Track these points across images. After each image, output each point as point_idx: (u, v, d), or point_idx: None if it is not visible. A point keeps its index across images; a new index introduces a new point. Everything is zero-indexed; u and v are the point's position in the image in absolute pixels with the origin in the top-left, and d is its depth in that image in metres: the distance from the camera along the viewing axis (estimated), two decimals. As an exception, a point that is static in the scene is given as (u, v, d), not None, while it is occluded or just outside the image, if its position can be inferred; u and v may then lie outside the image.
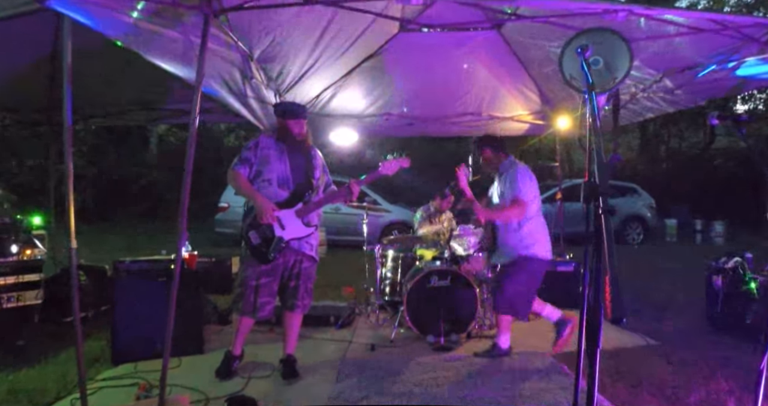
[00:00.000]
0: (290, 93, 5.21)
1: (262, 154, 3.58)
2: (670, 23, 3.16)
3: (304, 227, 3.57)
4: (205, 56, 2.87)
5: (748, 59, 3.78)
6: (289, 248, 3.56)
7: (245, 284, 3.56)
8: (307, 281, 3.69)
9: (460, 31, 4.84)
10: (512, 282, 3.99)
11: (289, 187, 3.57)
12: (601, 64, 1.85)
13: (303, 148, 3.68)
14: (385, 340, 4.51)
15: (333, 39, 4.27)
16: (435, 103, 5.98)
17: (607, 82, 1.86)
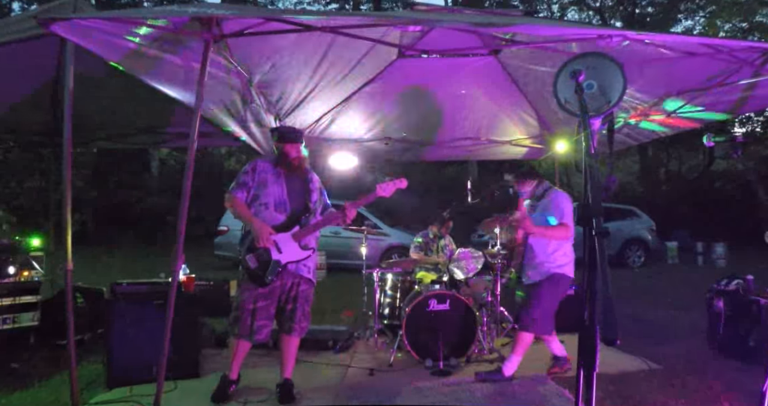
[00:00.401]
0: (290, 117, 5.27)
1: (259, 178, 3.61)
2: (663, 48, 3.20)
3: (301, 250, 3.57)
4: (204, 81, 2.91)
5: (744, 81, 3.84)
6: (287, 271, 3.56)
7: (242, 307, 3.54)
8: (304, 304, 3.68)
9: (457, 57, 4.90)
10: (542, 299, 4.04)
11: (286, 211, 3.59)
12: (595, 88, 1.87)
13: (300, 172, 3.71)
14: (384, 364, 4.47)
15: (332, 65, 4.33)
16: (434, 128, 6.04)
17: (602, 105, 1.88)
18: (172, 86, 3.74)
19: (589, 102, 1.90)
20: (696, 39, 3.15)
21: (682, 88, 4.18)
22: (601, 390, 3.79)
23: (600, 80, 1.88)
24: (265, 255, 3.49)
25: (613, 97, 1.85)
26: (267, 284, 3.49)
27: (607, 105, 1.86)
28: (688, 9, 23.36)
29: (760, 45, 3.45)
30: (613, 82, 1.87)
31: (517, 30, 3.10)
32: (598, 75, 1.88)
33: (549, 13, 25.06)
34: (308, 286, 3.70)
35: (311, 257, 3.66)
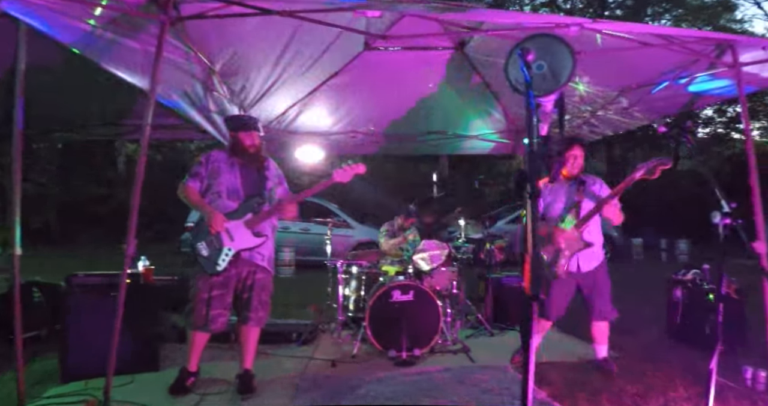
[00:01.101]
0: (255, 108, 5.21)
1: (213, 167, 3.59)
2: (619, 38, 3.26)
3: (254, 237, 3.54)
4: (159, 65, 2.86)
5: (698, 75, 3.94)
6: (241, 260, 3.53)
7: (197, 297, 3.50)
8: (261, 293, 3.63)
9: (423, 50, 4.91)
10: (608, 284, 4.04)
11: (239, 199, 3.57)
12: (545, 69, 1.89)
13: (256, 160, 3.67)
14: (347, 356, 4.45)
15: (296, 55, 4.29)
16: (401, 122, 6.03)
17: (551, 85, 1.89)
18: (130, 72, 3.65)
19: (539, 83, 1.92)
20: (649, 28, 3.22)
21: (642, 81, 4.27)
22: (562, 377, 3.86)
23: (550, 62, 1.89)
24: (216, 242, 3.46)
25: (563, 78, 1.87)
26: (219, 271, 3.45)
27: (556, 84, 1.87)
28: (654, 13, 23.90)
29: (713, 36, 3.54)
30: (563, 63, 1.88)
31: (472, 16, 3.13)
32: (548, 56, 1.89)
33: (520, 14, 25.33)
34: (265, 274, 3.66)
35: (266, 244, 3.62)
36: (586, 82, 4.38)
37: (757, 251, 3.53)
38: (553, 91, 1.90)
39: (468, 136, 6.34)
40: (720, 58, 3.59)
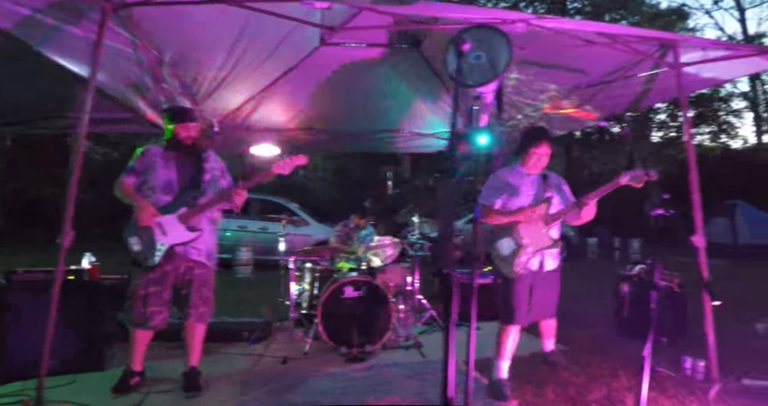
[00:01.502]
0: (208, 102, 5.11)
1: (148, 162, 3.51)
2: (564, 35, 3.32)
3: (188, 232, 3.46)
4: (100, 52, 2.77)
5: (643, 74, 4.05)
6: (177, 255, 3.45)
7: (134, 294, 3.43)
8: (201, 289, 3.56)
9: (380, 47, 4.91)
10: (559, 284, 3.89)
11: (173, 193, 3.49)
12: (483, 59, 1.92)
13: (193, 153, 3.59)
14: (299, 353, 4.42)
15: (249, 47, 4.21)
16: (358, 119, 6.01)
17: (489, 74, 1.92)
18: (73, 60, 3.57)
19: (478, 73, 1.96)
20: (593, 26, 3.29)
21: (591, 80, 4.36)
22: (512, 371, 3.92)
23: (488, 52, 1.93)
24: (149, 237, 3.38)
25: (500, 68, 1.90)
26: (152, 267, 3.37)
27: (494, 74, 1.90)
28: (612, 19, 24.57)
29: (655, 35, 3.64)
30: (500, 54, 1.91)
31: (418, 10, 3.14)
32: (486, 47, 1.93)
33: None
34: (204, 270, 3.58)
35: (202, 238, 3.52)
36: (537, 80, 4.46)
37: (695, 244, 3.66)
38: (491, 80, 1.94)
39: (425, 134, 6.37)
40: (663, 59, 3.71)
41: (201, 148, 3.65)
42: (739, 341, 4.78)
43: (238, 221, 11.20)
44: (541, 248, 3.62)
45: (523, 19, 2.91)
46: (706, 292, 3.44)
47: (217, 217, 3.69)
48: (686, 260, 5.05)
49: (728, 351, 4.24)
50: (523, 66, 4.20)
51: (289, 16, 3.41)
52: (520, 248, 3.57)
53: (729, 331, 5.15)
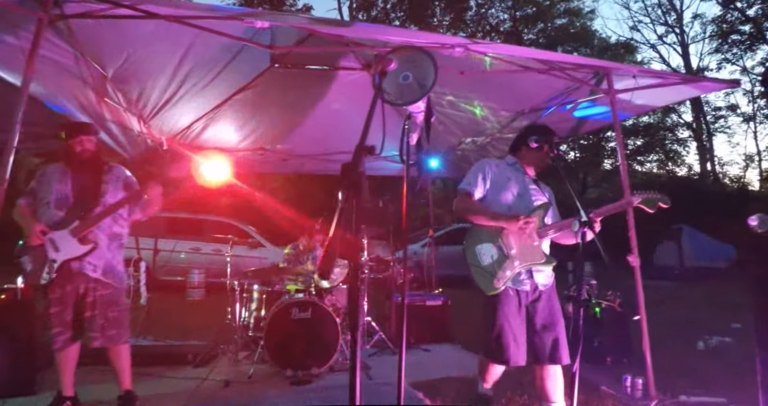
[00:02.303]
0: (156, 121, 5.05)
1: (45, 179, 3.40)
2: (503, 61, 3.44)
3: (80, 245, 3.29)
4: (33, 63, 2.71)
5: (581, 101, 4.22)
6: (74, 273, 3.28)
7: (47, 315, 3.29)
8: (106, 311, 3.36)
9: (331, 69, 4.97)
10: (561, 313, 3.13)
11: (68, 207, 3.35)
12: (411, 79, 1.96)
13: (91, 167, 3.46)
14: (243, 376, 4.31)
15: (196, 66, 4.21)
16: (310, 140, 6.02)
17: (418, 93, 1.97)
18: (9, 70, 3.47)
19: (406, 92, 2.00)
20: (530, 53, 3.41)
21: (533, 106, 4.51)
22: (453, 390, 3.93)
23: (415, 72, 1.97)
24: (41, 255, 3.24)
25: (426, 88, 1.94)
26: (45, 284, 3.23)
27: (421, 93, 1.95)
28: (565, 51, 25.57)
29: (590, 62, 3.80)
30: (427, 73, 1.96)
31: (354, 33, 3.20)
32: (413, 68, 1.97)
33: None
34: (107, 290, 3.38)
35: (98, 254, 3.35)
36: (482, 105, 4.58)
37: (631, 264, 3.78)
38: (419, 99, 1.98)
39: (377, 157, 6.40)
40: (598, 86, 3.87)
41: (101, 162, 3.52)
42: (681, 359, 4.94)
43: (191, 243, 10.97)
44: (532, 263, 2.92)
45: (461, 44, 3.00)
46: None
47: (119, 232, 3.50)
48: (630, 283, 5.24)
49: (669, 368, 4.38)
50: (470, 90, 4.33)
51: (234, 36, 3.41)
52: (506, 260, 2.89)
53: (671, 349, 5.33)
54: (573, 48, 25.15)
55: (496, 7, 26.43)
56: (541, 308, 2.96)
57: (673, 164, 25.45)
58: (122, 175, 3.57)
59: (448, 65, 3.80)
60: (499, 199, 3.02)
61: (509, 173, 3.09)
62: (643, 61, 27.99)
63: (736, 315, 7.28)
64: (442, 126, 5.47)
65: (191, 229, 11.57)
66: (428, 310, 5.76)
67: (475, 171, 3.09)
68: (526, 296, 2.93)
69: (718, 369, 4.64)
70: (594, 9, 29.03)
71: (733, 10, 23.44)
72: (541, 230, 2.94)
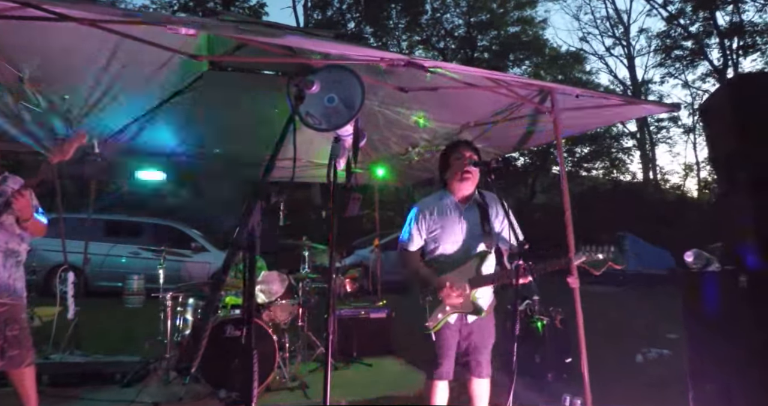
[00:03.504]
0: (84, 123, 4.73)
1: None
2: (449, 78, 3.35)
3: None
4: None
5: (526, 117, 4.20)
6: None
7: None
8: (3, 330, 3.09)
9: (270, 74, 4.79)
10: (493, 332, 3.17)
11: None
12: (337, 101, 1.83)
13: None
14: (174, 397, 4.08)
15: (126, 68, 3.93)
16: (251, 145, 5.80)
17: (345, 116, 1.84)
18: None
19: (333, 116, 1.87)
20: (479, 71, 3.34)
21: (478, 120, 4.46)
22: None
23: (342, 94, 1.84)
24: None
25: (354, 110, 1.82)
26: None
27: (349, 116, 1.82)
28: (516, 58, 26.05)
29: (535, 83, 3.78)
30: (354, 93, 1.84)
31: (288, 43, 3.05)
32: (340, 89, 1.84)
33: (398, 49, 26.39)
34: (4, 308, 3.11)
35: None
36: (426, 117, 4.50)
37: (571, 285, 3.76)
38: (347, 122, 1.86)
39: (323, 164, 6.26)
40: (542, 103, 3.84)
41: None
42: (621, 373, 4.99)
43: (129, 247, 10.51)
44: (462, 311, 2.91)
45: (405, 60, 2.90)
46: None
47: (15, 248, 3.24)
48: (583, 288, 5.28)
49: (609, 384, 4.40)
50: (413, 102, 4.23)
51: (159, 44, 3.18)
52: (439, 304, 2.87)
53: (611, 362, 5.38)
54: (525, 56, 25.62)
55: (451, 12, 26.63)
56: (474, 332, 3.03)
57: (617, 172, 26.29)
58: (17, 185, 3.20)
59: (389, 81, 3.71)
60: (438, 248, 3.00)
61: (442, 218, 2.98)
62: (591, 71, 28.83)
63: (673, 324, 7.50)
64: (389, 132, 5.35)
65: (129, 232, 11.11)
66: (372, 323, 5.64)
67: (409, 223, 3.06)
68: (459, 324, 2.99)
69: (653, 385, 4.71)
70: (546, 19, 29.63)
71: (676, 25, 24.39)
72: (473, 280, 2.89)
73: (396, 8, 26.03)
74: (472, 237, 2.96)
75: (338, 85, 1.83)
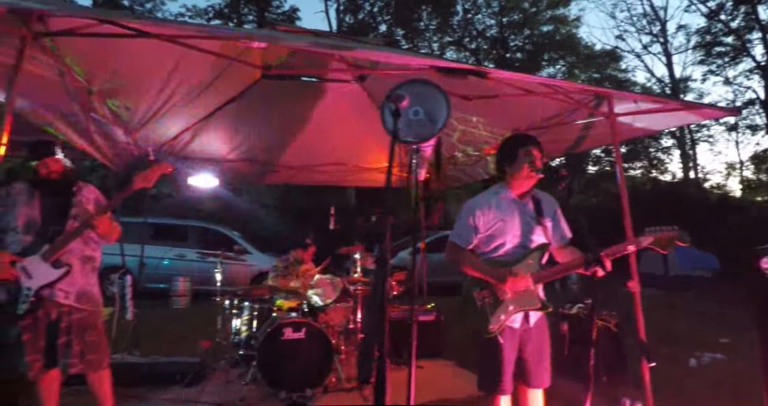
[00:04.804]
0: (143, 132, 4.91)
1: (11, 201, 3.22)
2: (508, 85, 3.38)
3: (53, 270, 3.14)
4: (17, 79, 2.58)
5: (579, 122, 4.18)
6: (45, 300, 3.12)
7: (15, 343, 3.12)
8: (82, 335, 3.22)
9: (323, 81, 4.88)
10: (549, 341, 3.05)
11: (36, 231, 3.20)
12: (422, 115, 1.88)
13: (59, 188, 3.30)
14: (235, 398, 4.19)
15: (185, 79, 4.08)
16: (301, 152, 5.93)
17: (429, 131, 1.89)
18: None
19: (417, 129, 1.92)
20: (536, 78, 3.36)
21: (529, 125, 4.46)
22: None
23: (427, 107, 1.89)
24: (14, 284, 3.06)
25: (439, 124, 1.87)
26: (21, 314, 3.06)
27: (433, 131, 1.87)
28: (551, 58, 25.76)
29: (593, 89, 3.76)
30: (439, 109, 1.88)
31: (357, 55, 3.12)
32: (425, 103, 1.89)
33: (430, 51, 26.38)
34: (82, 314, 3.24)
35: (70, 279, 3.20)
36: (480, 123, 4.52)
37: (631, 290, 3.72)
38: (432, 136, 1.90)
39: (369, 168, 6.34)
40: (598, 108, 3.83)
41: (70, 182, 3.35)
42: (675, 379, 4.91)
43: (176, 250, 10.78)
44: (527, 309, 2.83)
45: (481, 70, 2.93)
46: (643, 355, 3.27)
47: (90, 255, 3.36)
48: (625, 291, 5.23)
49: (663, 387, 4.35)
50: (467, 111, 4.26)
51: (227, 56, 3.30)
52: (500, 304, 2.78)
53: (664, 367, 5.30)
54: (559, 56, 25.31)
55: (483, 12, 26.50)
56: (533, 337, 2.90)
57: (656, 171, 25.75)
58: (92, 195, 3.40)
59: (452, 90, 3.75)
60: (493, 244, 2.88)
61: (501, 212, 2.88)
62: (628, 69, 28.30)
63: (723, 327, 7.34)
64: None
65: (175, 235, 11.39)
66: (420, 326, 5.68)
67: (465, 219, 2.92)
68: (519, 329, 2.86)
69: (712, 390, 4.63)
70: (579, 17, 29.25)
71: (717, 21, 23.74)
72: (537, 274, 2.79)
73: (427, 10, 26.03)
74: (531, 231, 2.89)
75: (422, 99, 1.88)
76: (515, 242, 2.87)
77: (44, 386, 3.21)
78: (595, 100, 3.78)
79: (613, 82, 24.53)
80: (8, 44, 2.78)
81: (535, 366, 2.90)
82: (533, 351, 2.88)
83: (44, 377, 3.19)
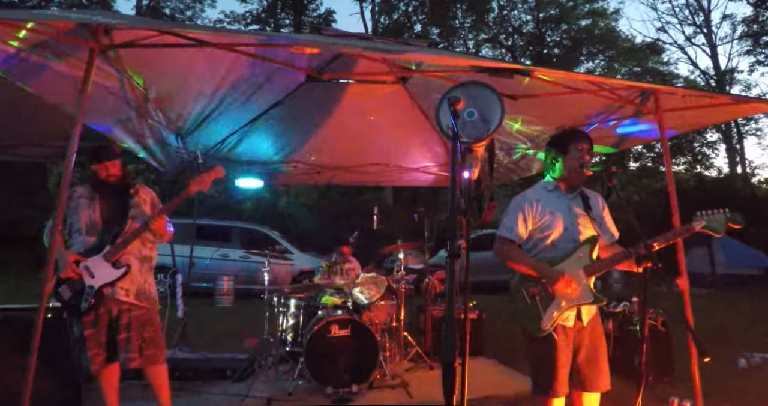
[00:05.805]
0: (193, 136, 5.10)
1: (74, 204, 3.42)
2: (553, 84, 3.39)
3: (114, 270, 3.31)
4: (88, 91, 2.73)
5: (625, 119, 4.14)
6: (106, 298, 3.30)
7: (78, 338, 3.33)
8: (141, 331, 3.38)
9: (365, 83, 4.96)
10: (604, 342, 2.97)
11: (97, 233, 3.39)
12: (476, 116, 1.93)
13: (118, 191, 3.49)
14: (284, 393, 4.32)
15: (236, 83, 4.23)
16: (343, 153, 6.03)
17: (483, 131, 1.94)
18: (58, 96, 3.52)
19: (471, 129, 1.97)
20: (583, 76, 3.35)
21: (574, 122, 4.44)
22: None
23: (480, 108, 1.94)
24: (78, 283, 3.25)
25: (493, 125, 1.91)
26: (84, 311, 3.26)
27: (487, 132, 1.92)
28: (589, 52, 25.29)
29: (638, 85, 3.73)
30: (492, 110, 1.93)
31: (407, 57, 3.18)
32: (478, 103, 1.94)
33: (465, 49, 26.26)
34: (141, 311, 3.40)
35: (130, 278, 3.36)
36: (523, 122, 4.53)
37: (680, 287, 3.68)
38: (485, 138, 1.95)
39: (410, 168, 6.41)
40: (644, 104, 3.79)
41: (128, 184, 3.54)
42: (723, 379, 4.81)
43: (219, 250, 11.08)
44: (579, 304, 2.75)
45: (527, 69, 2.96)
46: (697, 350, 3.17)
47: (148, 254, 3.52)
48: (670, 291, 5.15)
49: (712, 389, 4.27)
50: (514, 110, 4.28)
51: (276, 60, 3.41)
52: (552, 301, 2.73)
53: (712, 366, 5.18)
54: (598, 50, 24.83)
55: (518, 8, 26.22)
56: (586, 338, 2.82)
57: (701, 167, 24.98)
58: (148, 196, 3.60)
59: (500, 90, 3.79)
60: (543, 238, 2.84)
61: (550, 206, 2.86)
62: (670, 62, 27.53)
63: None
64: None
65: (218, 235, 11.71)
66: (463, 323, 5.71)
67: (514, 213, 2.89)
68: (573, 329, 2.79)
69: (763, 391, 4.52)
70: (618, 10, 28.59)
71: (764, 9, 22.89)
72: (589, 267, 2.75)
73: (461, 8, 25.92)
74: (580, 225, 2.85)
75: (475, 100, 1.93)
76: (565, 236, 2.83)
77: (105, 379, 3.41)
78: (641, 96, 3.75)
79: (655, 76, 23.96)
80: (76, 57, 2.95)
81: (591, 369, 2.80)
82: (589, 353, 2.80)
83: (105, 371, 3.39)
